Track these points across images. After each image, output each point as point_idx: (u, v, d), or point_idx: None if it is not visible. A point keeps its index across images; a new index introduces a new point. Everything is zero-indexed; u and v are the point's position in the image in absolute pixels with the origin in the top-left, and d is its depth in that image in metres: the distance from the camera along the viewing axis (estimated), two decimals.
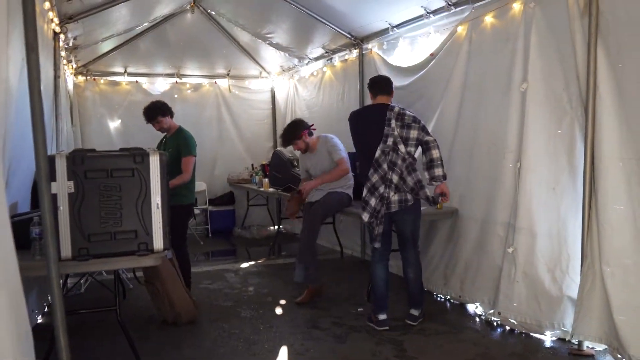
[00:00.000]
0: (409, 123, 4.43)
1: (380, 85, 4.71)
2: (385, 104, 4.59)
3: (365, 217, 4.48)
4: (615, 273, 3.62)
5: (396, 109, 4.49)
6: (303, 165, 5.85)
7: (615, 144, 3.64)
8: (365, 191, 4.50)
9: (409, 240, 4.58)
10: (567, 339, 4.06)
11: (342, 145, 5.52)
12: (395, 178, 4.42)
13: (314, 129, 5.60)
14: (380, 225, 4.48)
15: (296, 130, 5.50)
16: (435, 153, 4.42)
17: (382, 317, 4.52)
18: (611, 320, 3.60)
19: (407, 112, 4.51)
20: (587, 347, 3.90)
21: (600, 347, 3.86)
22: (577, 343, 3.93)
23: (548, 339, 4.16)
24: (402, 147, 4.41)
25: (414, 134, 4.42)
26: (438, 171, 4.41)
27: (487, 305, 4.72)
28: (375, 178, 4.46)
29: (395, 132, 4.42)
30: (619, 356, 3.59)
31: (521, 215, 4.33)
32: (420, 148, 4.55)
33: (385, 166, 4.43)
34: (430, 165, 4.43)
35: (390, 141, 4.42)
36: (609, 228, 3.65)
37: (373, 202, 4.44)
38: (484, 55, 4.85)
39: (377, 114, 4.56)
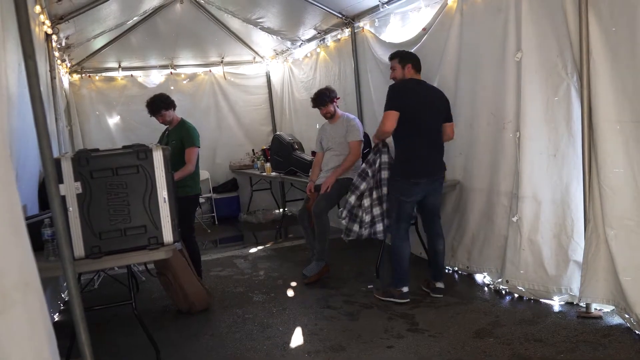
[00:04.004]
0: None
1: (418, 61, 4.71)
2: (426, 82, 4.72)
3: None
4: (618, 235, 3.67)
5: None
6: (319, 136, 5.96)
7: (612, 107, 3.66)
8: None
9: (437, 212, 4.75)
10: (575, 303, 4.13)
11: (362, 129, 5.73)
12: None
13: (338, 103, 5.85)
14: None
15: (331, 94, 5.73)
16: None
17: (406, 289, 4.62)
18: (617, 282, 3.67)
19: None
20: (595, 309, 3.97)
21: (607, 308, 3.93)
22: (585, 306, 4.00)
23: (556, 303, 4.23)
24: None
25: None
26: None
27: (495, 275, 4.79)
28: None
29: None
30: (627, 316, 3.66)
31: (524, 184, 4.37)
32: None
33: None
34: None
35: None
36: (610, 191, 3.70)
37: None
38: (477, 27, 4.86)
39: (429, 90, 4.65)
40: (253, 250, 7.16)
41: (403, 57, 4.65)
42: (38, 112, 2.34)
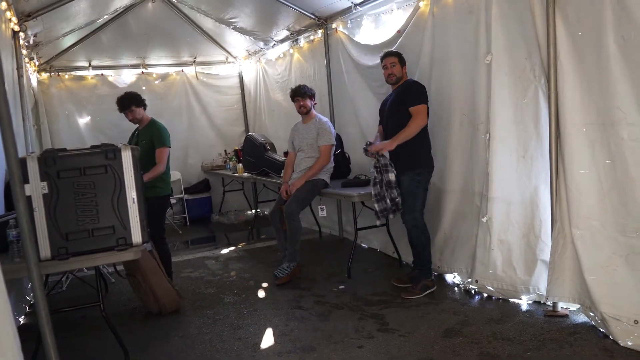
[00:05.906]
0: None
1: None
2: None
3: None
4: (584, 235, 3.74)
5: None
6: (291, 136, 5.96)
7: (578, 110, 3.73)
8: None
9: None
10: (542, 302, 4.19)
11: (334, 132, 5.77)
12: None
13: (315, 103, 5.90)
14: None
15: (311, 91, 5.80)
16: None
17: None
18: (582, 281, 3.74)
19: None
20: (562, 307, 4.04)
21: (573, 306, 4.00)
22: (552, 305, 4.06)
23: (524, 303, 4.29)
24: None
25: None
26: None
27: (465, 275, 4.84)
28: None
29: None
30: (591, 314, 3.73)
31: (494, 185, 4.41)
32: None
33: None
34: None
35: None
36: (576, 192, 3.76)
37: None
38: (449, 30, 4.89)
39: None
40: (225, 251, 7.13)
41: (401, 57, 4.88)
42: (2, 110, 2.30)
